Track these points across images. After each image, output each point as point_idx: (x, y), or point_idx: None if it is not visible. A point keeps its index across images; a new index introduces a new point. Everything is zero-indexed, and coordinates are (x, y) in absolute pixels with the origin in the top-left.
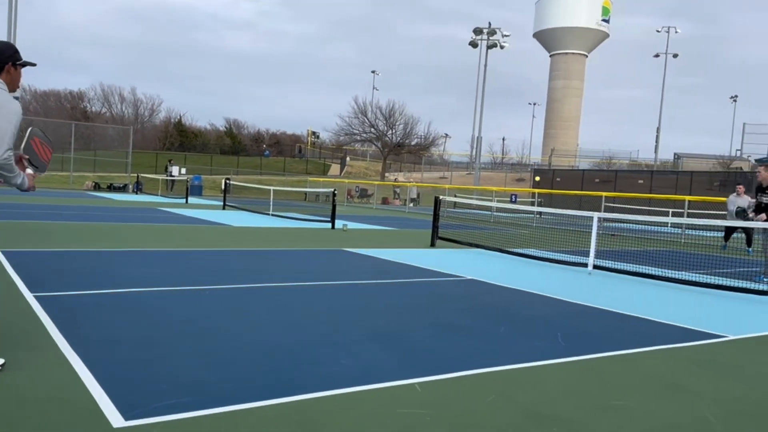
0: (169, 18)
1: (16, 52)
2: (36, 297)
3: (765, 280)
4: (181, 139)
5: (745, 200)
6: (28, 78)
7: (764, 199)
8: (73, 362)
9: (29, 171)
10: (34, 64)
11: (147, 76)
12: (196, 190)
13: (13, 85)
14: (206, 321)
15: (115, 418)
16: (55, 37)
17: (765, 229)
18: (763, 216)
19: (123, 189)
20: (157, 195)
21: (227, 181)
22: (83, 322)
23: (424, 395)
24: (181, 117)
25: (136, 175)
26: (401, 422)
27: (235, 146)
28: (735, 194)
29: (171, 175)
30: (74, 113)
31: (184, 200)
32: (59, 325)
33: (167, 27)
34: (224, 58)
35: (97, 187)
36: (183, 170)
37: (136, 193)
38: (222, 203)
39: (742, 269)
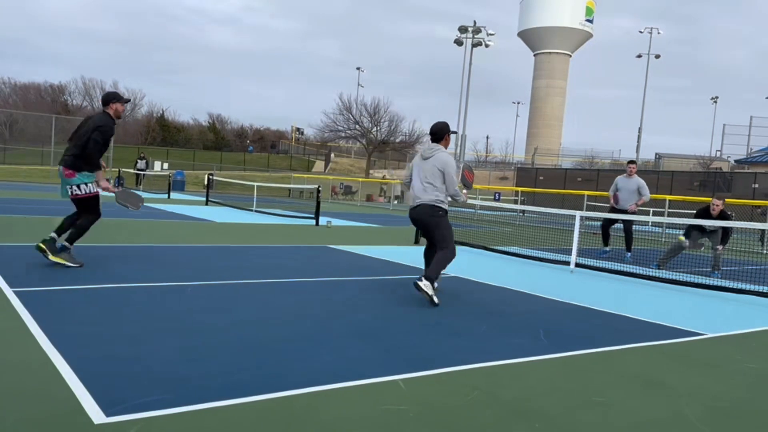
0: (151, 11)
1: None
2: (15, 292)
3: (717, 275)
4: (163, 134)
5: (634, 183)
6: (7, 71)
7: (712, 226)
8: (53, 358)
9: (464, 191)
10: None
11: (129, 70)
12: (178, 186)
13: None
14: (188, 317)
15: (96, 415)
16: (35, 28)
17: (716, 233)
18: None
19: None
20: (139, 190)
21: (210, 177)
22: (64, 318)
23: (408, 391)
24: (163, 112)
25: (117, 169)
26: (385, 418)
27: (219, 141)
28: (625, 175)
29: (139, 169)
30: (55, 107)
31: (166, 195)
32: (39, 320)
33: (150, 20)
34: (208, 53)
35: None
36: (165, 165)
37: (118, 188)
38: (205, 199)
39: (721, 268)
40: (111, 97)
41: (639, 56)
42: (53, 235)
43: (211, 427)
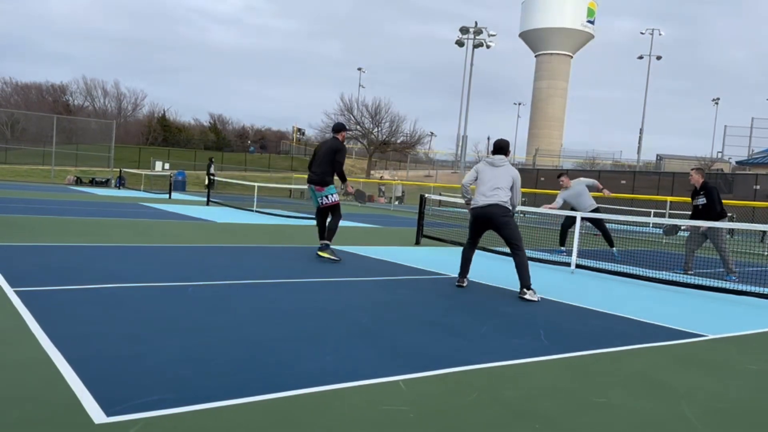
0: (153, 11)
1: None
2: (16, 292)
3: (734, 278)
4: (164, 134)
5: (574, 189)
6: (9, 70)
7: (699, 201)
8: (53, 358)
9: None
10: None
11: (131, 70)
12: (179, 186)
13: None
14: (189, 317)
15: (97, 414)
16: (36, 28)
17: (716, 231)
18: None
19: (105, 184)
20: (140, 190)
21: (212, 177)
22: (64, 318)
23: (408, 392)
24: (165, 112)
25: (118, 169)
26: (385, 419)
27: (220, 142)
28: (563, 190)
29: (211, 174)
30: (56, 106)
31: (167, 196)
32: (40, 320)
33: (152, 20)
34: (209, 53)
35: (78, 181)
36: (166, 165)
37: (119, 188)
38: (206, 199)
39: (720, 269)
40: (341, 127)
41: (640, 57)
42: (323, 242)
43: (211, 427)
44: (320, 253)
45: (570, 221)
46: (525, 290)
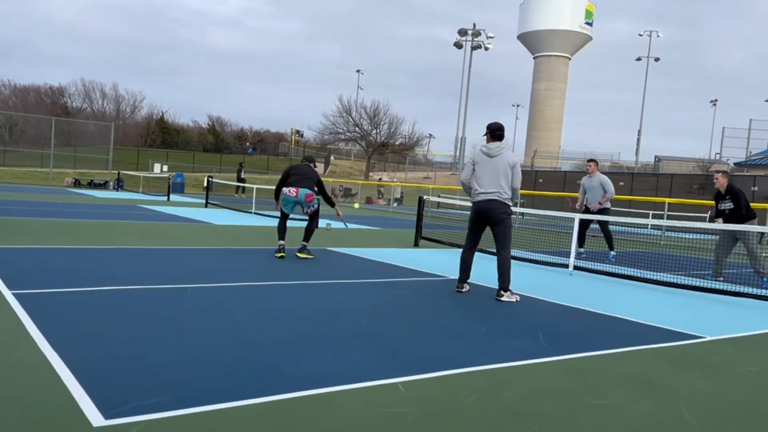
0: (152, 13)
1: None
2: (15, 294)
3: (766, 281)
4: (163, 136)
5: (597, 181)
6: (7, 72)
7: (725, 206)
8: (52, 361)
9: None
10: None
11: (129, 72)
12: (177, 188)
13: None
14: (188, 319)
15: (95, 417)
16: (35, 30)
17: (744, 233)
18: (720, 220)
19: (104, 186)
20: (139, 192)
21: (210, 179)
22: (62, 320)
23: (407, 394)
24: (163, 114)
25: (117, 171)
26: (384, 421)
27: (218, 144)
28: (587, 176)
29: (242, 179)
30: (54, 109)
31: (165, 198)
32: (38, 322)
33: (150, 22)
34: (208, 54)
35: (77, 183)
36: (165, 167)
37: (117, 190)
38: (204, 201)
39: (727, 271)
40: (312, 160)
41: (638, 59)
42: (303, 243)
43: (210, 429)
44: (300, 254)
45: (586, 222)
46: (502, 292)
